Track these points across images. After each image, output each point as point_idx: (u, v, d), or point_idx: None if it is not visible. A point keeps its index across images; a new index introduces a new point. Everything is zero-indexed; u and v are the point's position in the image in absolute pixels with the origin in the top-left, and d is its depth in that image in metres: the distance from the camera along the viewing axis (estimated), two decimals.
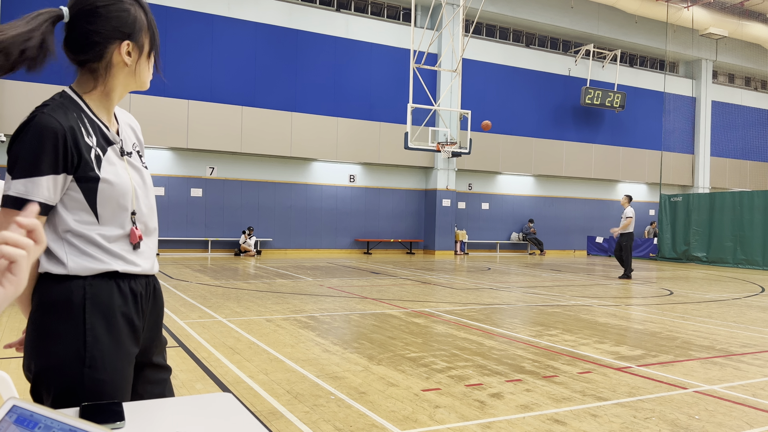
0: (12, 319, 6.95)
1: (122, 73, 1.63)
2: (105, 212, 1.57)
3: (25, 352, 1.57)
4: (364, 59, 21.01)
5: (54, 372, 1.50)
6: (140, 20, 1.61)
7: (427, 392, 4.32)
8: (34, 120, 1.50)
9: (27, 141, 1.47)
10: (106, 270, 1.55)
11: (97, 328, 1.52)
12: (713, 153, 28.84)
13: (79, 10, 1.55)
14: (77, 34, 1.57)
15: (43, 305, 1.53)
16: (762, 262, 18.51)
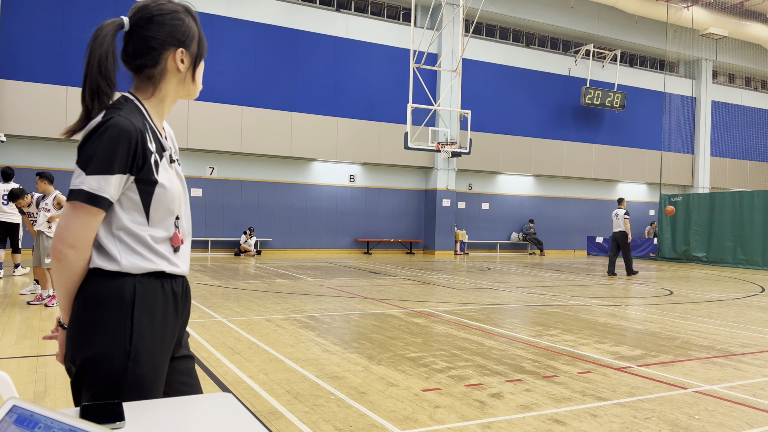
0: (12, 319, 6.95)
1: (174, 79, 1.75)
2: (156, 215, 1.66)
3: (68, 344, 1.62)
4: (364, 59, 21.01)
5: (100, 363, 1.55)
6: (193, 30, 1.77)
7: (427, 392, 4.31)
8: (112, 121, 1.57)
9: (104, 140, 1.55)
10: (155, 270, 1.63)
11: (143, 325, 1.59)
12: (713, 153, 28.85)
13: (139, 18, 1.67)
14: (136, 41, 1.68)
15: (92, 299, 1.58)
16: (762, 262, 18.50)
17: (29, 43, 16.48)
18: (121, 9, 17.53)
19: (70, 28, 16.94)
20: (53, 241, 1.57)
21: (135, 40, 1.68)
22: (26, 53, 16.45)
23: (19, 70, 16.31)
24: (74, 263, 1.56)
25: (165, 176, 1.66)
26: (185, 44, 1.73)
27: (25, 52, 16.43)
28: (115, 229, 1.61)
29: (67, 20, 16.90)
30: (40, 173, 8.29)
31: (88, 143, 1.56)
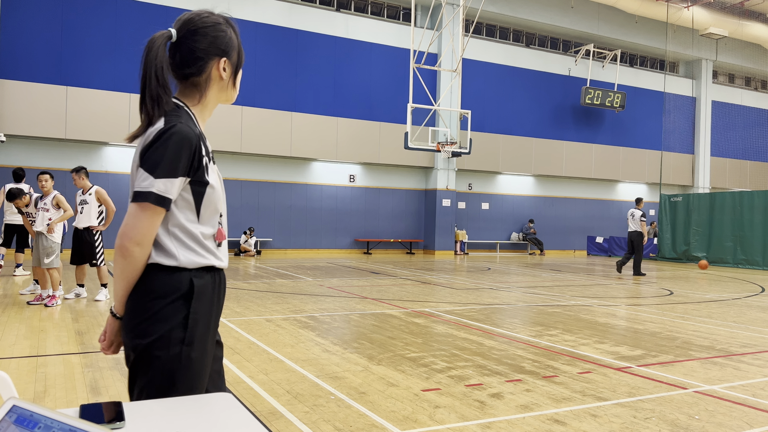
0: (11, 320, 6.95)
1: (217, 86, 1.87)
2: (205, 213, 1.79)
3: (127, 333, 1.74)
4: (364, 59, 21.01)
5: (159, 348, 1.69)
6: (234, 40, 1.87)
7: (427, 392, 4.31)
8: (175, 128, 1.69)
9: (170, 146, 1.68)
10: (206, 264, 1.78)
11: (198, 314, 1.74)
12: (713, 153, 28.84)
13: (186, 30, 1.79)
14: (183, 51, 1.79)
15: (153, 292, 1.71)
16: (762, 262, 18.50)
17: (29, 43, 16.48)
18: (120, 10, 17.54)
19: (70, 28, 16.94)
20: (119, 239, 1.70)
21: (182, 51, 1.79)
22: (26, 53, 16.45)
23: (19, 70, 16.30)
24: (138, 259, 1.69)
25: (213, 177, 1.80)
26: (228, 54, 1.85)
27: (25, 52, 16.43)
28: (171, 227, 1.75)
29: (67, 20, 16.90)
30: (42, 173, 8.32)
31: (152, 149, 1.68)
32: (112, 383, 4.40)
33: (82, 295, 8.76)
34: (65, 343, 5.73)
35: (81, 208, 8.54)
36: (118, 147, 17.88)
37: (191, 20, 1.80)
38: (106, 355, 1.83)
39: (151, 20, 17.86)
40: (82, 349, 5.49)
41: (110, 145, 17.79)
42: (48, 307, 7.83)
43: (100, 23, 17.30)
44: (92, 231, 8.55)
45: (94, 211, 8.56)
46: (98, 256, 8.58)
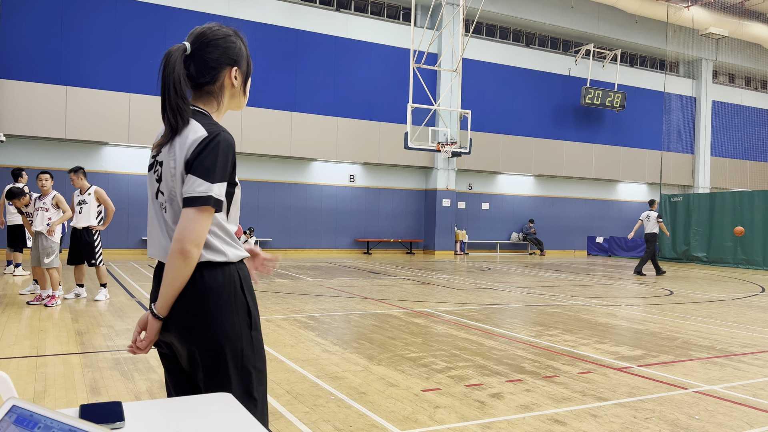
0: (11, 320, 6.95)
1: (229, 94, 1.98)
2: (233, 211, 1.93)
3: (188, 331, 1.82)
4: (364, 59, 21.01)
5: (235, 336, 1.83)
6: (243, 51, 1.98)
7: (427, 392, 4.31)
8: (221, 136, 1.81)
9: (220, 153, 1.80)
10: (243, 257, 1.92)
11: (250, 300, 1.89)
12: (713, 153, 28.85)
13: (199, 43, 1.91)
14: (198, 62, 1.90)
15: (210, 289, 1.82)
16: (762, 262, 18.50)
17: (29, 43, 16.48)
18: (120, 10, 17.54)
19: (70, 28, 16.94)
20: (178, 243, 1.75)
21: (196, 62, 1.90)
22: (26, 53, 16.45)
23: (19, 70, 16.30)
24: (196, 260, 1.78)
25: (237, 178, 1.94)
26: (238, 63, 1.96)
27: (25, 52, 16.43)
28: (212, 226, 1.85)
29: (66, 20, 16.90)
30: (42, 172, 8.32)
31: (203, 155, 1.77)
32: (111, 383, 4.39)
33: (82, 295, 8.76)
34: (65, 343, 5.73)
35: (80, 208, 8.55)
36: (117, 147, 17.88)
37: (203, 33, 1.92)
38: (136, 354, 1.84)
39: (151, 20, 17.86)
40: (82, 349, 5.49)
41: (110, 145, 17.79)
42: (48, 307, 7.82)
43: (100, 23, 17.30)
44: (91, 231, 8.55)
45: (93, 211, 8.56)
46: (97, 256, 8.58)
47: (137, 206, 17.92)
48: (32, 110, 16.26)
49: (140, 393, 4.18)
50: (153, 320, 1.83)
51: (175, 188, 1.80)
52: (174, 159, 1.80)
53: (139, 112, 17.56)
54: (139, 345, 1.86)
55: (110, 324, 6.79)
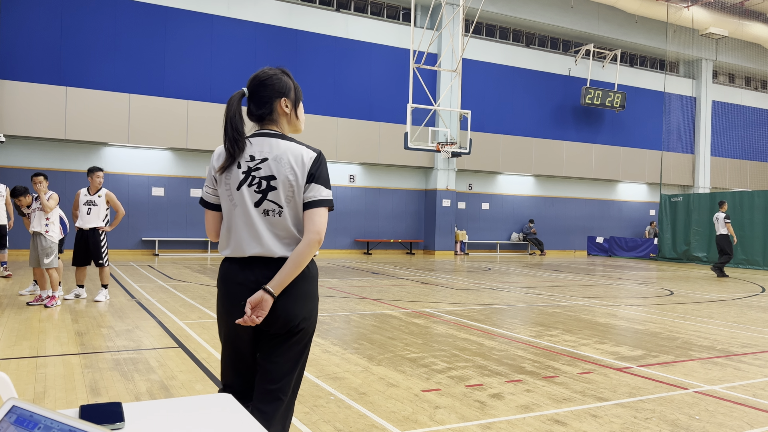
0: (11, 320, 6.95)
1: (285, 120, 2.45)
2: None
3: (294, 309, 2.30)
4: (364, 59, 21.01)
5: (315, 312, 2.42)
6: (288, 83, 2.44)
7: (428, 393, 4.31)
8: (322, 155, 2.37)
9: (326, 167, 2.37)
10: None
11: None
12: (713, 153, 28.85)
13: (254, 85, 2.42)
14: (255, 99, 2.42)
15: (314, 277, 2.40)
16: (762, 262, 18.50)
17: (29, 43, 16.48)
18: (120, 11, 17.54)
19: (70, 28, 16.94)
20: (317, 234, 2.26)
21: (254, 100, 2.42)
22: (26, 53, 16.45)
23: (19, 70, 16.30)
24: (316, 252, 2.31)
25: None
26: (286, 94, 2.43)
27: (24, 52, 16.43)
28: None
29: (66, 20, 16.91)
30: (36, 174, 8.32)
31: (320, 170, 2.32)
32: (111, 384, 4.39)
33: (82, 295, 8.76)
34: (65, 344, 5.73)
35: (88, 209, 8.53)
36: (117, 147, 17.88)
37: (257, 76, 2.43)
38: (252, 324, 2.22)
39: (151, 20, 17.87)
40: (82, 350, 5.49)
41: (110, 146, 17.79)
42: (48, 307, 7.82)
43: (100, 23, 17.30)
44: (98, 232, 8.55)
45: (102, 213, 8.58)
46: (104, 257, 8.59)
47: (137, 207, 17.93)
48: (32, 110, 16.26)
49: (140, 393, 4.17)
50: (269, 297, 2.22)
51: (296, 195, 2.28)
52: (293, 172, 2.28)
53: (139, 112, 17.56)
54: (255, 317, 2.21)
55: (110, 325, 6.79)
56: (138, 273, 12.67)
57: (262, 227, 2.27)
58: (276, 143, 2.32)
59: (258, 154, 2.30)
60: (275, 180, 2.27)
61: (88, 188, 8.62)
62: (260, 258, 2.27)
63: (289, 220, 2.27)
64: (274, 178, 2.27)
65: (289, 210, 2.27)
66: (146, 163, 18.25)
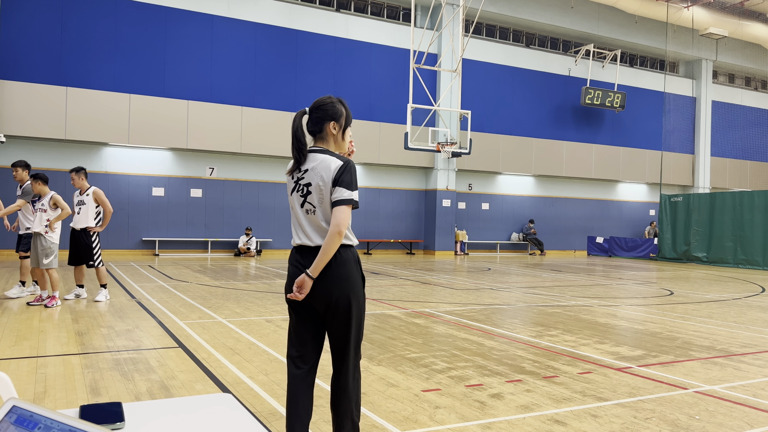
0: (12, 320, 6.95)
1: (333, 139, 2.96)
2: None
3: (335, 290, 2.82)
4: (363, 59, 21.01)
5: (358, 292, 2.89)
6: (340, 110, 2.96)
7: (428, 393, 4.31)
8: (351, 162, 2.87)
9: (353, 173, 2.84)
10: (355, 243, 2.94)
11: (361, 271, 2.95)
12: (713, 153, 28.84)
13: (314, 107, 2.95)
14: (312, 118, 2.95)
15: (345, 262, 2.85)
16: (762, 262, 18.50)
17: (29, 43, 16.48)
18: (120, 11, 17.54)
19: (70, 28, 16.94)
20: (337, 227, 2.75)
21: (312, 119, 2.95)
22: (26, 53, 16.45)
23: (19, 71, 16.30)
24: (340, 241, 2.77)
25: None
26: (335, 119, 2.94)
27: (25, 52, 16.44)
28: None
29: (67, 21, 16.91)
30: (35, 174, 8.30)
31: (344, 175, 2.80)
32: (111, 384, 4.39)
33: (82, 295, 8.75)
34: (65, 344, 5.73)
35: (78, 209, 8.53)
36: (118, 147, 17.88)
37: (316, 101, 2.97)
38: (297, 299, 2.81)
39: (151, 20, 17.87)
40: (82, 350, 5.49)
41: (110, 146, 17.79)
42: (48, 307, 7.82)
43: (100, 23, 17.30)
44: (89, 232, 8.52)
45: (91, 212, 8.54)
46: (95, 258, 8.55)
47: (137, 207, 17.93)
48: (32, 111, 16.26)
49: (140, 393, 4.18)
50: (308, 279, 2.77)
51: (324, 197, 2.80)
52: (322, 179, 2.81)
53: (139, 112, 17.56)
54: (299, 294, 2.78)
55: (110, 324, 6.79)
56: (138, 273, 12.67)
57: (305, 222, 2.87)
58: (318, 157, 2.87)
59: (305, 166, 2.89)
60: (311, 186, 2.85)
61: (79, 189, 8.63)
62: (305, 246, 2.87)
63: (320, 216, 2.82)
64: (310, 184, 2.85)
65: (321, 209, 2.83)
66: (146, 163, 18.25)
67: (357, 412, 2.94)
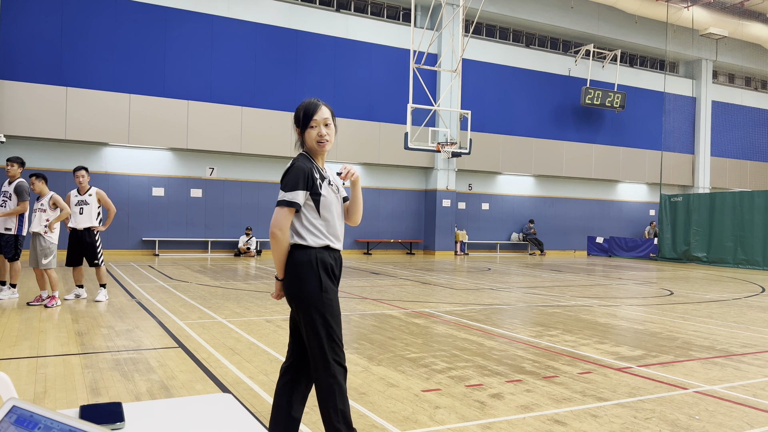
0: (11, 320, 6.95)
1: (301, 141, 2.97)
2: (324, 212, 2.89)
3: (288, 290, 2.87)
4: (363, 59, 21.01)
5: (309, 294, 2.82)
6: (296, 114, 2.95)
7: (428, 393, 4.31)
8: (293, 163, 2.87)
9: (290, 172, 2.84)
10: (325, 245, 2.87)
11: (324, 274, 2.84)
12: (713, 153, 28.84)
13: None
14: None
15: (296, 263, 2.84)
16: (762, 262, 18.50)
17: (29, 43, 16.48)
18: (120, 11, 17.54)
19: (70, 28, 16.94)
20: (272, 227, 2.80)
21: None
22: (26, 53, 16.45)
23: (19, 70, 16.30)
24: (281, 241, 2.82)
25: (325, 191, 2.88)
26: (295, 123, 2.98)
27: (25, 52, 16.43)
28: (305, 221, 2.86)
29: (67, 21, 16.91)
30: (35, 174, 8.30)
31: (283, 176, 2.85)
32: (111, 384, 4.39)
33: (82, 295, 8.75)
34: (65, 344, 5.73)
35: (80, 209, 8.52)
36: (118, 147, 17.88)
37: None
38: (276, 299, 3.04)
39: (151, 20, 17.87)
40: (82, 350, 5.49)
41: (110, 146, 17.79)
42: (48, 308, 7.82)
43: (100, 23, 17.30)
44: (93, 231, 8.54)
45: (94, 212, 8.56)
46: (99, 257, 8.58)
47: (137, 207, 17.93)
48: (32, 111, 16.26)
49: (140, 393, 4.18)
50: (277, 281, 2.94)
51: None
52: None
53: (139, 112, 17.56)
54: (276, 296, 2.99)
55: (110, 325, 6.79)
56: (138, 273, 12.67)
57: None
58: None
59: None
60: None
61: (78, 189, 8.61)
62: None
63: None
64: None
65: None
66: (146, 163, 18.25)
67: (337, 417, 2.89)
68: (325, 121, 2.92)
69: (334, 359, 2.89)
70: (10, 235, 8.37)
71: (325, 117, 2.92)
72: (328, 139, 2.92)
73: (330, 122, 2.94)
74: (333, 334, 2.85)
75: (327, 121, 2.92)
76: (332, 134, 2.96)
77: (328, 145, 2.95)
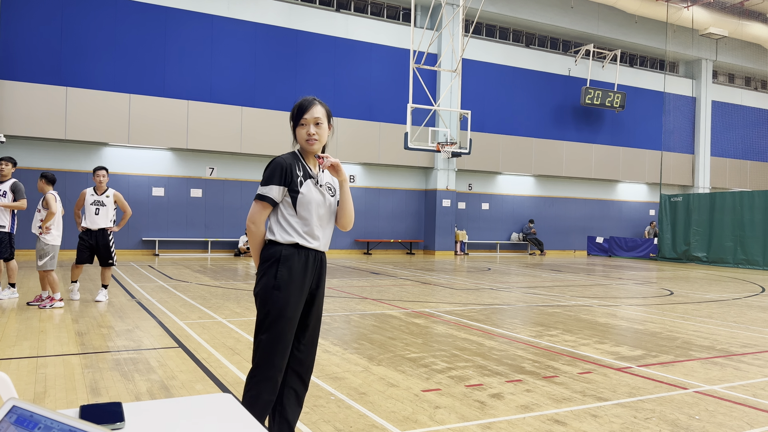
0: (11, 320, 6.95)
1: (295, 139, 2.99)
2: (301, 210, 2.88)
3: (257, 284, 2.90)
4: (363, 59, 21.01)
5: (261, 288, 2.86)
6: (294, 112, 2.92)
7: (428, 393, 4.31)
8: (274, 160, 2.88)
9: (270, 169, 2.86)
10: (294, 242, 2.86)
11: (283, 272, 2.83)
12: (713, 153, 28.84)
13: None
14: None
15: (264, 257, 2.89)
16: (762, 262, 18.50)
17: (29, 43, 16.48)
18: (120, 11, 17.54)
19: (70, 28, 16.94)
20: (248, 221, 2.89)
21: None
22: (26, 53, 16.45)
23: (19, 71, 16.30)
24: (255, 234, 2.89)
25: (305, 189, 2.87)
26: (290, 119, 2.96)
27: (25, 52, 16.43)
28: (279, 218, 2.89)
29: (66, 20, 16.91)
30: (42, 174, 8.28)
31: (264, 172, 2.87)
32: (112, 384, 4.39)
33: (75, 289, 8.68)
34: (65, 344, 5.73)
35: (96, 209, 8.49)
36: (118, 147, 17.88)
37: None
38: None
39: (151, 20, 17.87)
40: (82, 350, 5.49)
41: (110, 146, 17.79)
42: (41, 309, 7.81)
43: (100, 23, 17.30)
44: (107, 232, 8.54)
45: (110, 213, 8.57)
46: (114, 257, 8.62)
47: (137, 207, 17.92)
48: (32, 111, 16.26)
49: (140, 393, 4.18)
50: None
51: None
52: None
53: (139, 112, 17.56)
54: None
55: (110, 325, 6.79)
56: (138, 273, 12.67)
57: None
58: None
59: None
60: None
61: (94, 188, 8.59)
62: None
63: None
64: None
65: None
66: (146, 163, 18.26)
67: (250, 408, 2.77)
68: (315, 120, 2.87)
69: (255, 361, 2.87)
70: (4, 233, 8.32)
71: (316, 116, 2.87)
72: (317, 139, 2.88)
73: (321, 122, 2.89)
74: (260, 334, 2.83)
75: (318, 120, 2.88)
76: (323, 134, 2.90)
77: (318, 145, 2.90)
